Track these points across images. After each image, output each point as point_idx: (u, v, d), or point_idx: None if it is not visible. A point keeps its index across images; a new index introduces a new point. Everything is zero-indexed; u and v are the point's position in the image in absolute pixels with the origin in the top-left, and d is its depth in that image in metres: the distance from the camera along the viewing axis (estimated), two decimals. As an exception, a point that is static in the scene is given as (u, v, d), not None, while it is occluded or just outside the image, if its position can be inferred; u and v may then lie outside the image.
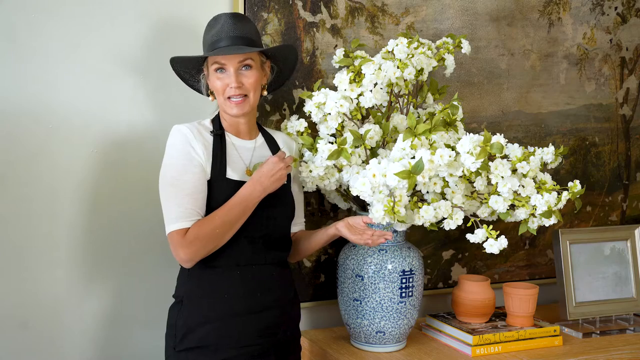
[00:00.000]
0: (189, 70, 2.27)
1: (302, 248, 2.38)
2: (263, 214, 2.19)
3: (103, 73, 2.41)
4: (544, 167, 2.42)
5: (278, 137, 2.37)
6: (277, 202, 2.22)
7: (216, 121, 2.26)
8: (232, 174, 2.19)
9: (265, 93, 2.29)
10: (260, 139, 2.32)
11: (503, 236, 2.28)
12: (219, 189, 2.16)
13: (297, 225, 2.41)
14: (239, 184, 2.17)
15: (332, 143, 2.38)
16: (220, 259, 2.16)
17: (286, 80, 2.40)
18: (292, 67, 2.36)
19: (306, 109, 2.39)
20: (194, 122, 2.22)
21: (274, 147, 2.33)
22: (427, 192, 2.33)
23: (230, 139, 2.24)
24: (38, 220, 2.38)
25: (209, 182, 2.16)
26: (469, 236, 2.32)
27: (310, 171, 2.35)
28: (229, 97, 2.18)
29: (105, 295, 2.48)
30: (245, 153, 2.26)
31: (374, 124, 2.43)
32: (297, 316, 2.35)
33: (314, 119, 2.39)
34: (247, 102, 2.20)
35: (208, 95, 2.28)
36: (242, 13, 2.38)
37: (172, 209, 2.12)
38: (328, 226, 2.33)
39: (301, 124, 2.43)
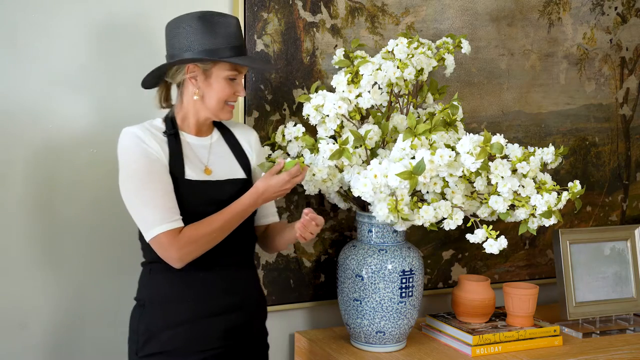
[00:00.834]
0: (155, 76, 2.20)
1: (274, 243, 2.33)
2: None
3: (103, 73, 2.41)
4: (544, 167, 2.42)
5: (236, 129, 2.32)
6: None
7: (168, 121, 2.18)
8: (190, 174, 2.14)
9: None
10: (215, 134, 2.27)
11: (503, 236, 2.28)
12: (179, 190, 2.11)
13: (270, 217, 2.36)
14: (199, 184, 2.13)
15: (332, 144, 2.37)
16: None
17: None
18: None
19: (304, 112, 2.39)
20: (144, 123, 2.15)
21: (230, 141, 2.28)
22: (427, 192, 2.33)
23: (184, 137, 2.18)
24: (38, 220, 2.38)
25: None
26: (468, 236, 2.32)
27: (314, 174, 2.35)
28: (228, 103, 2.17)
29: (107, 294, 2.48)
30: (201, 151, 2.21)
31: (374, 124, 2.43)
32: (264, 316, 2.31)
33: (312, 121, 2.38)
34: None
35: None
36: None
37: (150, 213, 2.05)
38: (293, 228, 2.25)
39: (299, 130, 2.41)
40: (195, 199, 2.11)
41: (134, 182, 2.07)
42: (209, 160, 2.21)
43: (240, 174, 2.24)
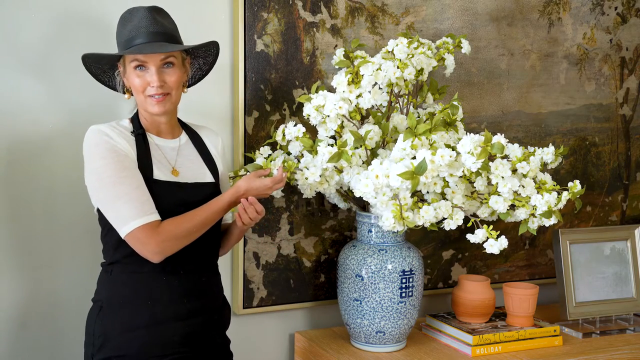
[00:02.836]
0: (101, 66, 2.15)
1: (227, 243, 2.33)
2: None
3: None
4: (544, 167, 2.43)
5: (203, 133, 2.29)
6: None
7: (135, 120, 2.15)
8: (159, 174, 2.10)
9: (185, 91, 2.20)
10: (184, 137, 2.24)
11: (503, 236, 2.28)
12: (148, 190, 2.06)
13: (229, 219, 2.37)
14: (168, 184, 2.10)
15: (331, 145, 2.37)
16: (146, 263, 2.06)
17: (204, 76, 2.31)
18: (212, 63, 2.28)
19: (305, 112, 2.39)
20: (111, 123, 2.12)
21: (198, 144, 2.25)
22: (427, 192, 2.33)
23: (152, 139, 2.15)
24: (38, 220, 2.38)
25: None
26: (469, 236, 2.32)
27: (306, 178, 2.34)
28: (149, 95, 2.08)
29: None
30: (169, 153, 2.17)
31: (374, 124, 2.43)
32: (226, 323, 2.26)
33: (313, 121, 2.37)
34: (169, 100, 2.10)
35: (124, 93, 2.16)
36: (161, 7, 2.17)
37: (125, 207, 1.99)
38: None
39: (299, 130, 2.40)
40: (165, 199, 2.06)
41: (103, 178, 2.02)
42: (176, 162, 2.17)
43: (208, 177, 2.21)
